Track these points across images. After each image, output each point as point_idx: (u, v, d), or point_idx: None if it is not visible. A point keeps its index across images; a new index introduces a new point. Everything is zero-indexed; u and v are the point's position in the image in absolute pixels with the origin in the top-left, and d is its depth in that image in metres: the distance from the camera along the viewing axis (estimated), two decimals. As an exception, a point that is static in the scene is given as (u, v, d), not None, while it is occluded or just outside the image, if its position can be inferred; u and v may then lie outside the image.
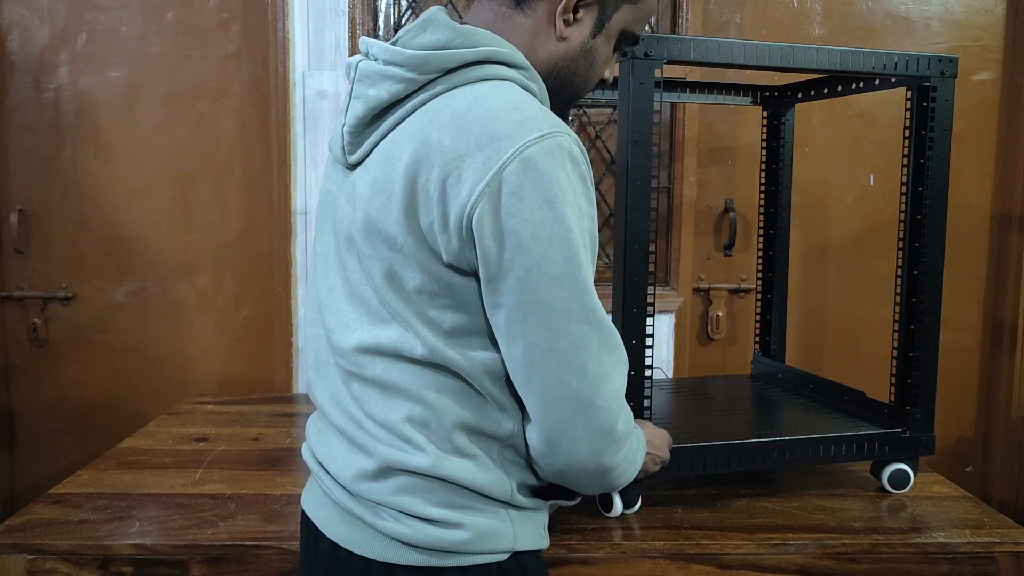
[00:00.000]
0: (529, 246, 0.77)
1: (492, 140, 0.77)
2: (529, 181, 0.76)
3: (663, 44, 1.15)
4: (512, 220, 0.77)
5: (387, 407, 0.86)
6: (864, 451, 1.32)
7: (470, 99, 0.81)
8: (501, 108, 0.80)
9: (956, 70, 1.30)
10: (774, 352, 1.74)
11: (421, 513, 0.84)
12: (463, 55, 0.83)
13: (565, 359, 0.80)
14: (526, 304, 0.79)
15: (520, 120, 0.78)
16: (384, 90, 0.85)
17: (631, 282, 1.19)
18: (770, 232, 1.75)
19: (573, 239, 0.78)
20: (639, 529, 1.21)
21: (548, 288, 0.78)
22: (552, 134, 0.78)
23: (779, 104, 1.70)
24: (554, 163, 0.77)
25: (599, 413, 0.82)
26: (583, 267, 0.79)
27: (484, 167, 0.77)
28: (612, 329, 0.83)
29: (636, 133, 1.16)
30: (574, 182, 0.79)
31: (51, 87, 2.01)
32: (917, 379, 1.34)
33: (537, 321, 0.79)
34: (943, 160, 1.31)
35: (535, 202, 0.77)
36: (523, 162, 0.76)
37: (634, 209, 1.18)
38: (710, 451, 1.25)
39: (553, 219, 0.77)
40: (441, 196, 0.79)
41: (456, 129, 0.79)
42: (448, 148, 0.79)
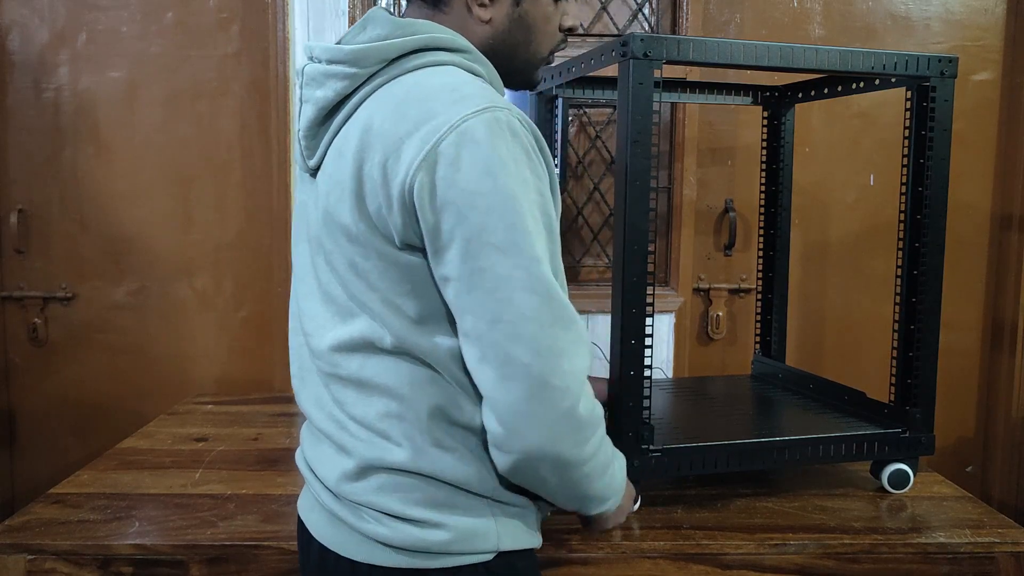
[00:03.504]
0: (468, 215, 0.76)
1: (429, 119, 0.78)
2: (466, 152, 0.76)
3: (662, 44, 1.15)
4: (450, 190, 0.76)
5: (365, 405, 0.86)
6: (864, 451, 1.32)
7: (410, 85, 0.82)
8: (440, 90, 0.80)
9: (956, 70, 1.30)
10: (774, 352, 1.74)
11: (401, 513, 0.84)
12: (402, 44, 0.84)
13: (513, 332, 0.76)
14: (469, 275, 0.77)
15: (457, 99, 0.78)
16: (330, 89, 0.86)
17: (630, 282, 1.19)
18: (770, 232, 1.75)
19: (516, 207, 0.77)
20: (639, 529, 1.21)
21: (490, 257, 0.76)
22: (490, 108, 0.78)
23: (779, 104, 1.70)
24: (492, 135, 0.77)
25: (554, 393, 0.77)
26: (530, 236, 0.77)
27: (421, 143, 0.77)
28: (566, 304, 0.80)
29: (635, 133, 1.16)
30: (516, 153, 0.78)
31: (51, 87, 2.01)
32: (917, 379, 1.33)
33: (482, 292, 0.77)
34: (943, 160, 1.31)
35: (472, 172, 0.76)
36: (460, 134, 0.76)
37: (633, 209, 1.18)
38: (710, 451, 1.25)
39: (492, 188, 0.76)
40: (383, 179, 0.79)
41: (396, 114, 0.80)
42: (388, 132, 0.79)
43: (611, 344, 1.23)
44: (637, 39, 1.14)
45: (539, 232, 0.78)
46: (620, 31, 2.07)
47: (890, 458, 1.35)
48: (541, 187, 0.80)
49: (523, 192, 0.77)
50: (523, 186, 0.77)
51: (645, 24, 2.07)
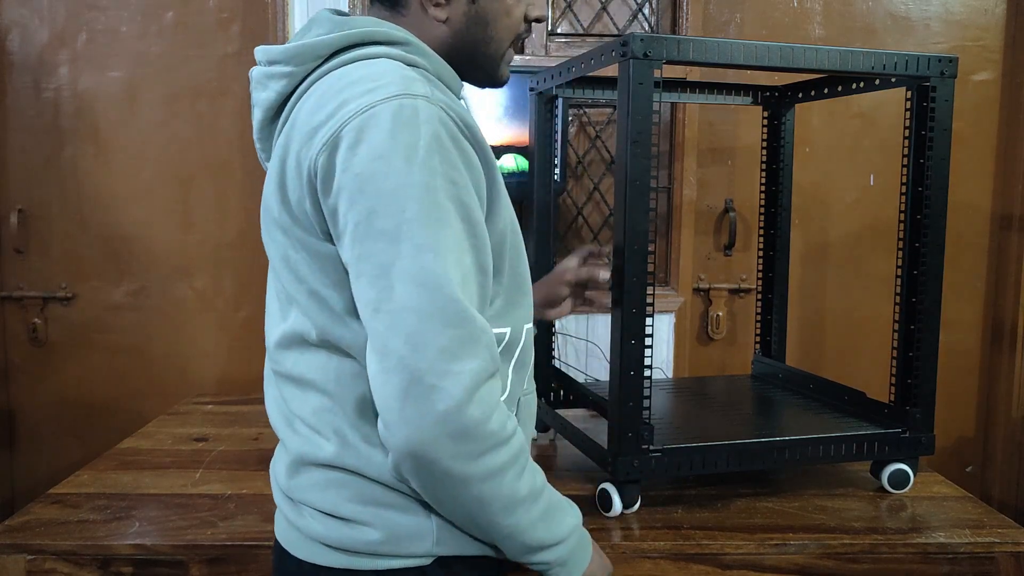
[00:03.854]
0: (358, 199, 0.74)
1: (341, 107, 0.77)
2: (367, 136, 0.74)
3: (662, 44, 1.15)
4: (344, 174, 0.75)
5: (303, 401, 0.86)
6: (864, 451, 1.32)
7: (335, 78, 0.81)
8: (360, 80, 0.78)
9: (956, 70, 1.30)
10: (774, 352, 1.73)
11: (334, 511, 0.83)
12: (336, 39, 0.83)
13: (392, 322, 0.73)
14: (356, 260, 0.75)
15: (372, 87, 0.77)
16: (271, 90, 0.86)
17: (631, 282, 1.18)
18: (770, 232, 1.75)
19: (411, 194, 0.73)
20: (639, 529, 1.21)
21: (376, 243, 0.74)
22: (402, 95, 0.76)
23: (779, 104, 1.70)
24: (399, 120, 0.74)
25: (430, 393, 0.71)
26: (423, 224, 0.73)
27: (327, 129, 0.76)
28: (458, 300, 0.74)
29: (635, 133, 1.16)
30: (425, 141, 0.74)
31: (51, 87, 2.01)
32: (917, 379, 1.33)
33: (367, 279, 0.75)
34: (943, 160, 1.31)
35: (369, 156, 0.74)
36: (364, 119, 0.75)
37: (633, 209, 1.18)
38: (710, 451, 1.25)
39: (386, 172, 0.73)
40: (297, 168, 0.79)
41: (315, 107, 0.79)
42: (306, 124, 0.79)
43: (611, 344, 1.22)
44: (637, 39, 1.14)
45: (441, 222, 0.74)
46: (620, 31, 2.07)
47: (890, 458, 1.35)
48: (456, 176, 0.76)
49: (424, 179, 0.74)
50: (426, 173, 0.74)
51: (645, 24, 2.07)
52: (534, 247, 1.56)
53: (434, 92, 0.78)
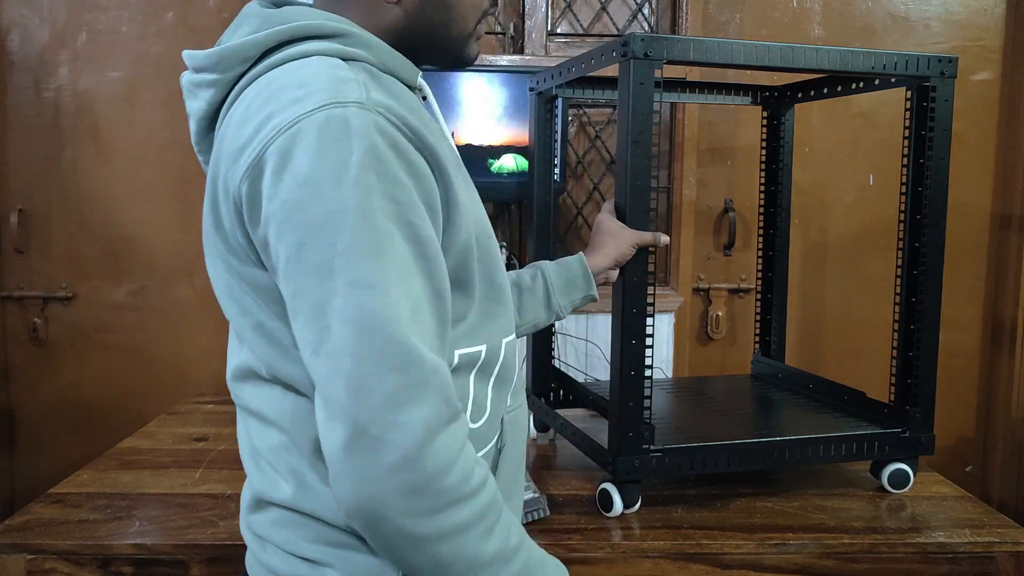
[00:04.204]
0: (286, 231, 0.66)
1: (267, 122, 0.68)
2: (293, 157, 0.66)
3: (663, 44, 1.15)
4: (271, 203, 0.67)
5: (263, 436, 0.80)
6: (864, 451, 1.32)
7: (261, 87, 0.72)
8: (286, 88, 0.70)
9: (956, 70, 1.30)
10: (774, 352, 1.74)
11: (295, 550, 0.78)
12: (262, 39, 0.74)
13: (332, 366, 0.65)
14: (292, 297, 0.68)
15: (300, 96, 0.68)
16: (202, 100, 0.78)
17: (631, 282, 1.19)
18: (770, 232, 1.75)
19: (343, 221, 0.65)
20: (639, 529, 1.21)
21: (309, 279, 0.66)
22: (330, 105, 0.67)
23: (779, 104, 1.70)
24: (326, 136, 0.65)
25: (376, 445, 0.63)
26: (362, 257, 0.65)
27: (251, 150, 0.68)
28: (408, 345, 0.65)
29: (636, 133, 1.16)
30: (358, 156, 0.65)
31: (51, 87, 2.01)
32: (917, 379, 1.34)
33: (303, 319, 0.67)
34: (943, 160, 1.31)
35: (294, 180, 0.66)
36: (289, 138, 0.66)
37: (634, 209, 1.19)
38: (710, 451, 1.25)
39: (314, 199, 0.65)
40: (225, 193, 0.72)
41: (242, 122, 0.71)
42: (233, 142, 0.71)
43: (611, 344, 1.23)
44: (638, 39, 1.14)
45: (379, 250, 0.65)
46: (620, 31, 2.07)
47: (890, 458, 1.35)
48: (398, 193, 0.67)
49: (357, 202, 0.65)
50: (359, 195, 0.65)
51: (645, 24, 2.07)
52: (534, 247, 1.55)
53: (370, 95, 0.69)
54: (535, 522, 1.21)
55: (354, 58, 0.75)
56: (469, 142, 1.89)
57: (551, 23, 2.04)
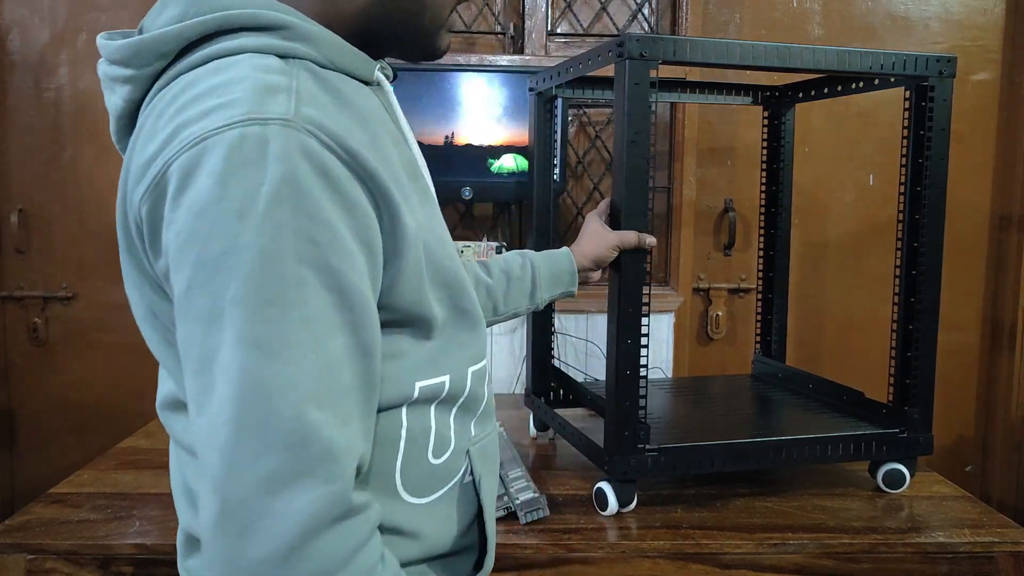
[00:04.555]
0: (179, 267, 0.57)
1: (175, 135, 0.58)
2: (194, 181, 0.56)
3: (658, 44, 1.15)
4: (168, 231, 0.58)
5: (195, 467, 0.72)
6: (862, 451, 1.32)
7: (178, 90, 0.61)
8: (204, 95, 0.59)
9: (954, 70, 1.30)
10: (774, 352, 1.74)
11: None
12: (184, 30, 0.63)
13: (211, 432, 0.56)
14: (181, 342, 0.58)
15: (215, 107, 0.57)
16: (118, 96, 0.68)
17: (627, 282, 1.19)
18: (771, 232, 1.75)
19: (241, 263, 0.54)
20: (638, 529, 1.21)
21: (195, 326, 0.56)
22: (248, 122, 0.56)
23: (780, 104, 1.70)
24: (234, 159, 0.55)
25: (246, 534, 0.54)
26: (256, 309, 0.54)
27: (155, 169, 0.59)
28: (301, 421, 0.55)
29: (632, 134, 1.16)
30: (271, 187, 0.55)
31: (51, 87, 2.01)
32: (915, 379, 1.34)
33: (189, 369, 0.58)
34: (941, 160, 1.31)
35: (190, 209, 0.56)
36: (192, 156, 0.56)
37: (631, 210, 1.19)
38: (706, 450, 1.25)
39: (210, 234, 0.55)
40: (131, 212, 0.62)
41: (152, 132, 0.61)
42: (140, 155, 0.62)
43: (607, 344, 1.23)
44: (633, 39, 1.14)
45: (282, 301, 0.55)
46: (620, 31, 2.07)
47: (888, 458, 1.35)
48: (318, 233, 0.56)
49: (262, 242, 0.54)
50: (265, 234, 0.54)
51: (645, 24, 2.07)
52: (534, 247, 1.56)
53: (300, 109, 0.58)
54: (535, 522, 1.21)
55: (294, 54, 0.64)
56: (469, 142, 1.89)
57: (551, 23, 2.04)
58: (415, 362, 0.69)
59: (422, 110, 1.85)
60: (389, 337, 0.66)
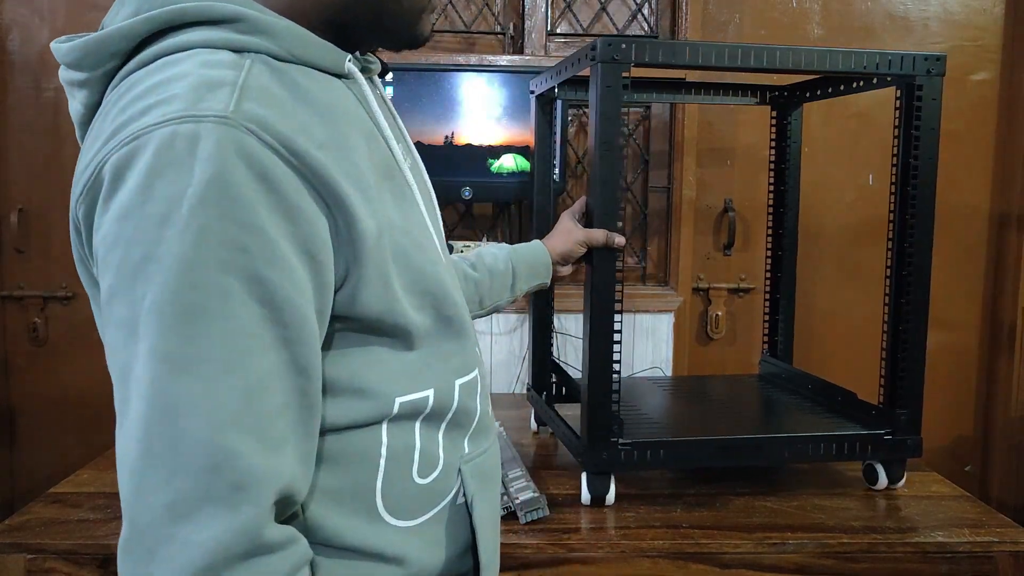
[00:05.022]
0: (103, 273, 0.55)
1: (113, 136, 0.55)
2: (123, 182, 0.53)
3: (630, 47, 1.16)
4: (96, 234, 0.56)
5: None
6: (844, 452, 1.30)
7: (123, 91, 0.58)
8: (145, 93, 0.56)
9: (943, 68, 1.26)
10: (781, 352, 1.72)
11: None
12: (133, 28, 0.59)
13: (123, 450, 0.54)
14: (107, 354, 0.57)
15: (151, 105, 0.54)
16: (79, 102, 0.65)
17: (599, 281, 1.21)
18: (778, 232, 1.73)
19: (158, 271, 0.51)
20: (638, 528, 1.21)
21: (115, 335, 0.54)
22: (182, 119, 0.53)
23: (787, 104, 1.68)
24: (162, 159, 0.52)
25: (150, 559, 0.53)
26: (172, 322, 0.51)
27: (91, 169, 0.56)
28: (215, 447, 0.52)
29: (604, 135, 1.17)
30: (197, 188, 0.51)
31: (51, 87, 2.01)
32: (904, 381, 1.31)
33: (113, 379, 0.56)
34: (931, 160, 1.28)
35: (115, 212, 0.53)
36: (124, 156, 0.53)
37: (602, 212, 1.21)
38: (680, 446, 1.26)
39: (131, 238, 0.52)
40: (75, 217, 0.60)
41: (96, 134, 0.58)
42: (83, 158, 0.60)
43: (582, 341, 1.26)
44: (605, 43, 1.15)
45: (200, 315, 0.51)
46: (620, 31, 2.07)
47: (875, 459, 1.34)
48: (248, 240, 0.52)
49: (181, 249, 0.51)
50: (187, 240, 0.51)
51: (645, 24, 2.07)
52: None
53: (241, 105, 0.54)
54: (535, 522, 1.21)
55: (248, 48, 0.60)
56: (469, 142, 1.89)
57: (551, 23, 2.04)
58: (394, 375, 0.65)
59: (422, 110, 1.85)
60: (363, 348, 0.63)
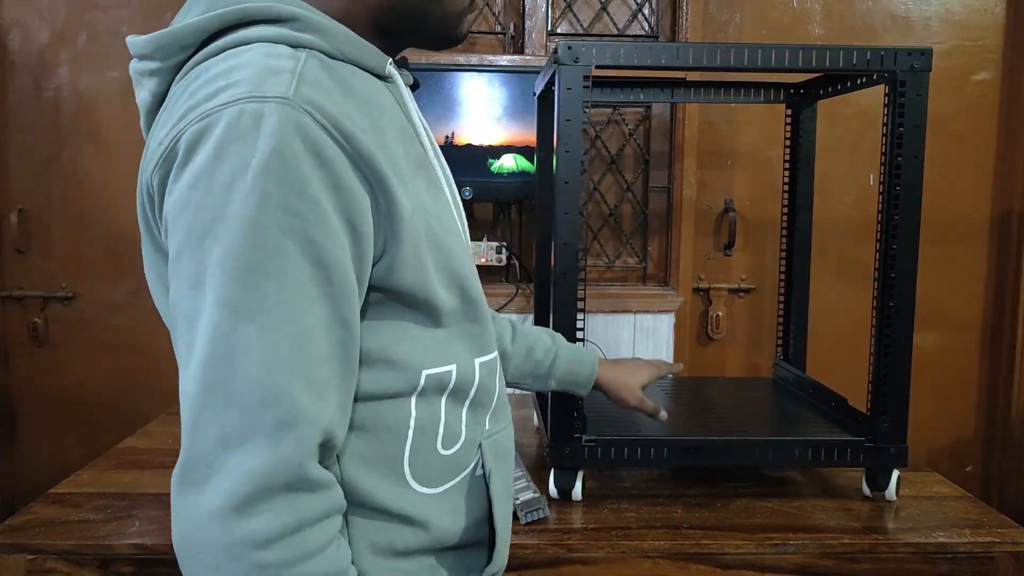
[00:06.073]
0: (173, 233, 0.61)
1: (186, 115, 0.61)
2: (195, 154, 0.59)
3: (591, 50, 1.17)
4: (167, 200, 0.62)
5: None
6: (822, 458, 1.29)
7: (192, 78, 0.65)
8: (214, 78, 0.62)
9: (929, 63, 1.20)
10: (793, 356, 1.68)
11: None
12: (202, 24, 0.67)
13: (184, 388, 0.60)
14: (172, 306, 0.62)
15: (221, 88, 0.61)
16: (147, 91, 0.72)
17: (560, 277, 1.22)
18: (791, 232, 1.67)
19: (225, 231, 0.57)
20: (638, 529, 1.21)
21: (182, 289, 0.60)
22: (248, 99, 0.59)
23: (801, 101, 1.61)
24: (231, 133, 0.58)
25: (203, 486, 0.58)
26: (234, 276, 0.57)
27: (166, 143, 0.62)
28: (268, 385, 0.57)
29: (565, 136, 1.18)
30: (260, 160, 0.57)
31: (51, 87, 2.01)
32: (887, 387, 1.28)
33: (178, 330, 0.62)
34: (915, 158, 1.22)
35: (187, 179, 0.59)
36: (196, 132, 0.59)
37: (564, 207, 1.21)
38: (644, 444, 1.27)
39: (201, 203, 0.58)
40: (148, 185, 0.66)
41: (169, 114, 0.65)
42: (155, 138, 0.65)
43: None
44: (565, 46, 1.16)
45: (260, 270, 0.57)
46: (620, 31, 2.07)
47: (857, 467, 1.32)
48: (302, 207, 0.58)
49: (246, 212, 0.57)
50: (251, 204, 0.57)
51: (645, 24, 2.07)
52: (537, 246, 1.57)
53: (300, 90, 0.60)
54: (535, 522, 1.21)
55: (304, 44, 0.66)
56: (469, 142, 1.89)
57: (551, 23, 2.04)
58: (421, 349, 0.70)
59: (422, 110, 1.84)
60: (395, 321, 0.68)
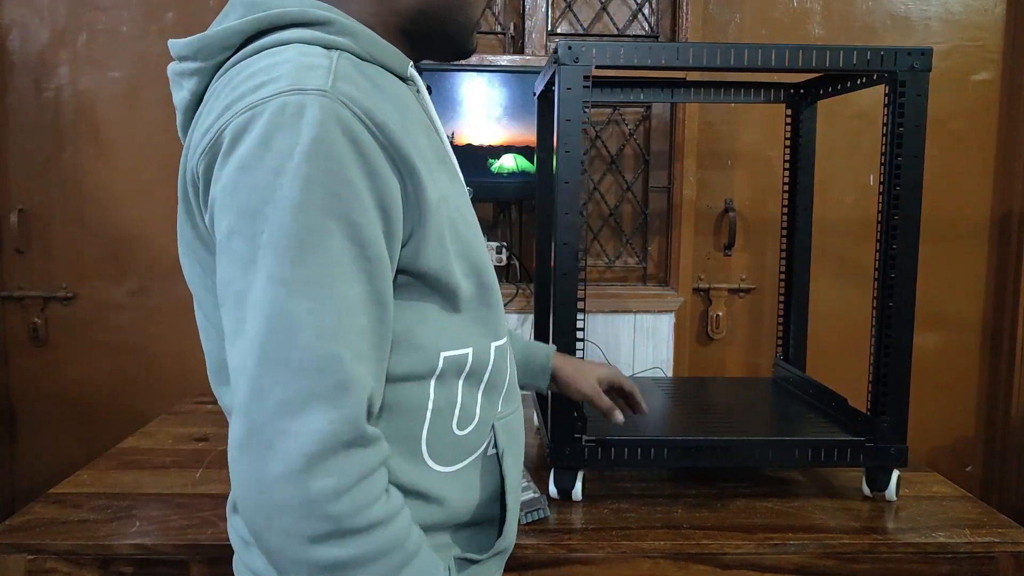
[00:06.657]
0: (222, 216, 0.65)
1: (229, 108, 0.66)
2: (242, 142, 0.64)
3: (591, 50, 1.17)
4: (215, 186, 0.66)
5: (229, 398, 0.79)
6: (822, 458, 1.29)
7: (234, 74, 0.70)
8: (255, 74, 0.67)
9: (929, 63, 1.20)
10: (793, 357, 1.68)
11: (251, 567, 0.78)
12: (243, 26, 0.72)
13: (241, 361, 0.63)
14: (220, 285, 0.66)
15: (265, 81, 0.66)
16: (186, 90, 0.77)
17: (560, 277, 1.22)
18: (791, 232, 1.67)
19: (274, 212, 0.62)
20: (639, 529, 1.21)
21: (233, 267, 0.64)
22: (290, 91, 0.64)
23: (801, 101, 1.62)
24: (276, 122, 0.63)
25: (268, 452, 0.61)
26: (285, 252, 0.62)
27: (211, 134, 0.67)
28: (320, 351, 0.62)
29: (566, 136, 1.17)
30: (304, 146, 0.62)
31: (51, 87, 2.01)
32: (887, 387, 1.28)
33: (226, 308, 0.66)
34: (915, 158, 1.22)
35: (235, 165, 0.64)
36: (243, 122, 0.64)
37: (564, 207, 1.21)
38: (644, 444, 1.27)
39: (250, 186, 0.63)
40: (191, 176, 0.70)
41: (211, 108, 0.70)
42: (199, 130, 0.70)
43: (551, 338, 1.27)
44: (565, 46, 1.16)
45: (308, 247, 0.62)
46: (620, 31, 2.07)
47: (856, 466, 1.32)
48: (343, 190, 0.63)
49: (293, 194, 0.62)
50: (297, 187, 0.62)
51: (645, 24, 2.07)
52: (537, 246, 1.57)
53: (336, 83, 0.65)
54: (535, 522, 1.21)
55: (336, 46, 0.71)
56: (469, 142, 1.89)
57: (551, 23, 2.04)
58: (440, 332, 0.74)
59: (422, 110, 1.85)
60: (418, 304, 0.73)
